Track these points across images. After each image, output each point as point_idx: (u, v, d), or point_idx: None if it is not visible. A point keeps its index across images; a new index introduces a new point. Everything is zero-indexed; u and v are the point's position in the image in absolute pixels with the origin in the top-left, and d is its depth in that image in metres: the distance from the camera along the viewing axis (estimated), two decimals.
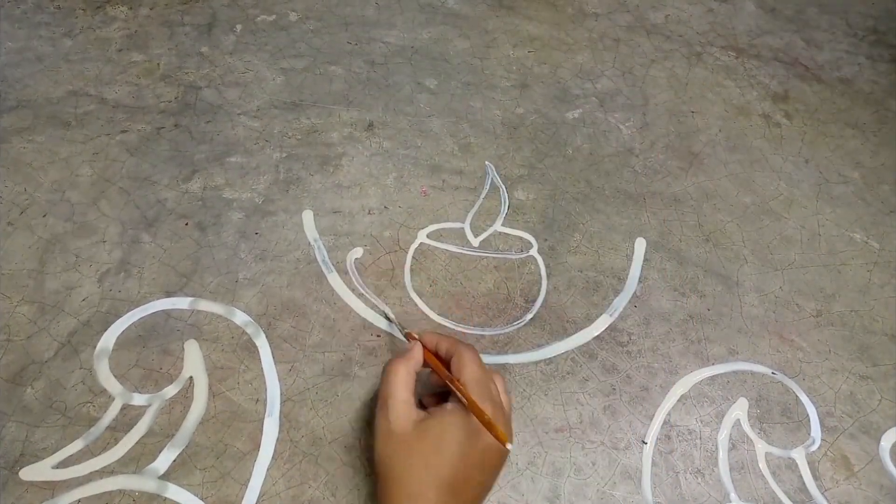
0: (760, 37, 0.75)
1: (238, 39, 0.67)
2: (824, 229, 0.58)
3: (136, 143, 0.58)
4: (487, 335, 0.49)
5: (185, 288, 0.49)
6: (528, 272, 0.52)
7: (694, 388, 0.47)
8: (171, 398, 0.44)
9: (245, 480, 0.41)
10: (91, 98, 0.60)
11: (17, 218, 0.52)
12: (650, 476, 0.43)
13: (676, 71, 0.70)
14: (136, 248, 0.51)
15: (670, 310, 0.51)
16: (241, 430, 0.43)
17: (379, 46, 0.68)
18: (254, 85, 0.63)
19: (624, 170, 0.60)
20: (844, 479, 0.44)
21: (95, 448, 0.41)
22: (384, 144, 0.60)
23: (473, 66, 0.68)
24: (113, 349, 0.46)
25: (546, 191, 0.58)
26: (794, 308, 0.52)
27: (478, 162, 0.59)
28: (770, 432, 0.46)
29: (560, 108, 0.65)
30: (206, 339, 0.46)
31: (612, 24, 0.74)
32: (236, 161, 0.57)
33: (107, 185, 0.54)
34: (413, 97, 0.64)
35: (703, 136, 0.64)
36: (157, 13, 0.69)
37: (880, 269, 0.55)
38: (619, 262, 0.54)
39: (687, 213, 0.57)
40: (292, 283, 0.50)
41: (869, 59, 0.74)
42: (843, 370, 0.49)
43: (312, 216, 0.54)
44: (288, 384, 0.45)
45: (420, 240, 0.53)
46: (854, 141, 0.65)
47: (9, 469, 0.40)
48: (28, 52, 0.64)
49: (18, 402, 0.43)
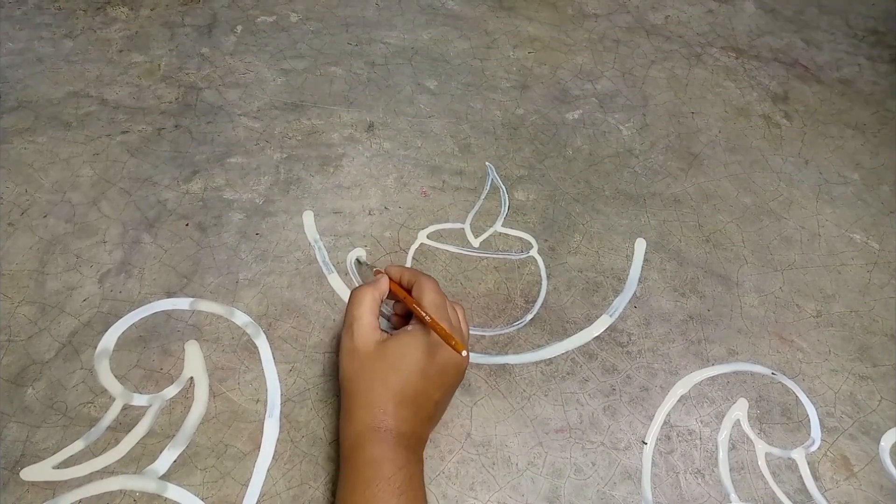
0: (760, 37, 0.75)
1: (238, 40, 0.67)
2: (824, 230, 0.58)
3: (136, 143, 0.58)
4: (487, 335, 0.49)
5: (186, 288, 0.49)
6: (528, 273, 0.52)
7: (694, 388, 0.47)
8: (171, 398, 0.44)
9: (245, 481, 0.41)
10: (92, 99, 0.61)
11: (17, 219, 0.52)
12: (650, 476, 0.43)
13: (676, 72, 0.70)
14: (136, 248, 0.51)
15: (670, 310, 0.51)
16: (241, 430, 0.43)
17: (379, 47, 0.68)
18: (254, 86, 0.63)
19: (624, 170, 0.60)
20: (844, 479, 0.44)
21: (96, 448, 0.41)
22: (384, 145, 0.60)
23: (474, 66, 0.68)
24: (114, 350, 0.46)
25: (546, 191, 0.58)
26: (794, 308, 0.52)
27: (478, 162, 0.59)
28: (770, 433, 0.46)
29: (560, 108, 0.65)
30: (206, 340, 0.47)
31: (611, 25, 0.74)
32: (237, 162, 0.57)
33: (107, 185, 0.55)
34: (413, 98, 0.64)
35: (703, 136, 0.64)
36: (157, 14, 0.69)
37: (880, 270, 0.55)
38: (619, 262, 0.54)
39: (687, 213, 0.57)
40: (293, 283, 0.50)
41: (869, 60, 0.74)
42: (843, 370, 0.49)
43: (313, 217, 0.54)
44: (288, 385, 0.45)
45: (420, 240, 0.53)
46: (854, 141, 0.65)
47: (10, 469, 0.40)
48: (29, 53, 0.64)
49: (19, 402, 0.43)
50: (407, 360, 0.37)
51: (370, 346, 0.38)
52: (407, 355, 0.37)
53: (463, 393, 0.45)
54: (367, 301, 0.39)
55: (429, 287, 0.39)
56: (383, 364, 0.37)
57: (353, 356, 0.38)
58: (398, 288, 0.41)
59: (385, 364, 0.37)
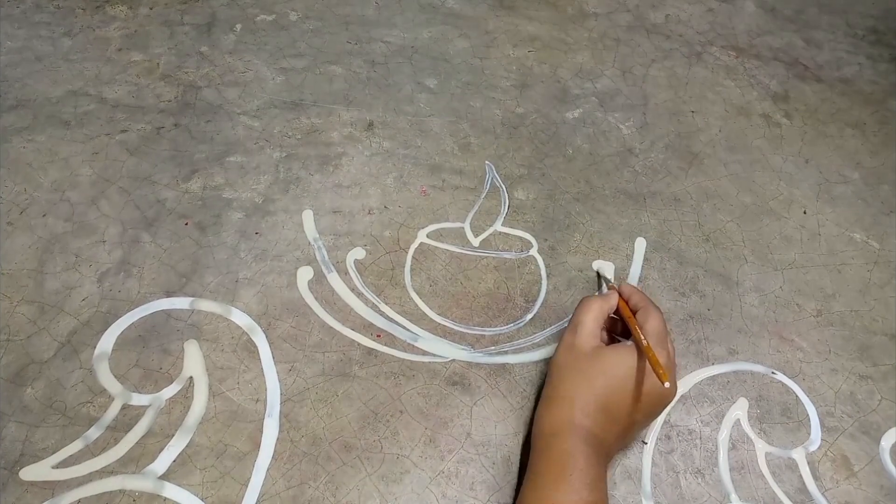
0: (760, 37, 0.75)
1: (238, 39, 0.67)
2: (824, 229, 0.57)
3: (135, 142, 0.57)
4: (487, 335, 0.49)
5: (185, 288, 0.49)
6: (528, 272, 0.52)
7: (694, 387, 0.47)
8: (170, 398, 0.44)
9: (245, 480, 0.41)
10: (91, 98, 0.60)
11: (16, 218, 0.52)
12: (650, 476, 0.43)
13: (676, 71, 0.70)
14: (135, 247, 0.51)
15: (670, 310, 0.51)
16: (241, 430, 0.43)
17: (379, 46, 0.68)
18: (254, 84, 0.63)
19: (624, 170, 0.60)
20: (844, 479, 0.44)
21: (95, 448, 0.41)
22: (384, 144, 0.60)
23: (473, 65, 0.68)
24: (113, 349, 0.46)
25: (546, 191, 0.58)
26: (794, 308, 0.52)
27: (478, 162, 0.59)
28: (770, 432, 0.46)
29: (560, 107, 0.65)
30: (206, 339, 0.46)
31: (612, 24, 0.74)
32: (236, 161, 0.57)
33: (107, 184, 0.54)
34: (413, 97, 0.64)
35: (703, 135, 0.64)
36: (156, 13, 0.69)
37: (880, 269, 0.55)
38: (619, 262, 0.54)
39: (687, 213, 0.57)
40: (292, 283, 0.50)
41: (869, 59, 0.74)
42: (843, 370, 0.49)
43: (312, 216, 0.54)
44: (288, 384, 0.45)
45: (420, 240, 0.53)
46: (854, 141, 0.65)
47: (9, 469, 0.40)
48: (28, 52, 0.64)
49: (18, 402, 0.43)
50: (617, 371, 0.38)
51: (588, 347, 0.40)
52: (618, 366, 0.39)
53: (463, 393, 0.45)
54: (594, 309, 0.41)
55: (654, 315, 0.41)
56: (595, 367, 0.39)
57: (571, 350, 0.40)
58: (625, 307, 0.43)
59: (596, 368, 0.39)
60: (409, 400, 0.45)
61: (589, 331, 0.40)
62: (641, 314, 0.41)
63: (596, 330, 0.41)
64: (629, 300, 0.43)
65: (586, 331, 0.40)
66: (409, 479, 0.41)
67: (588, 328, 0.41)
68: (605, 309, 0.42)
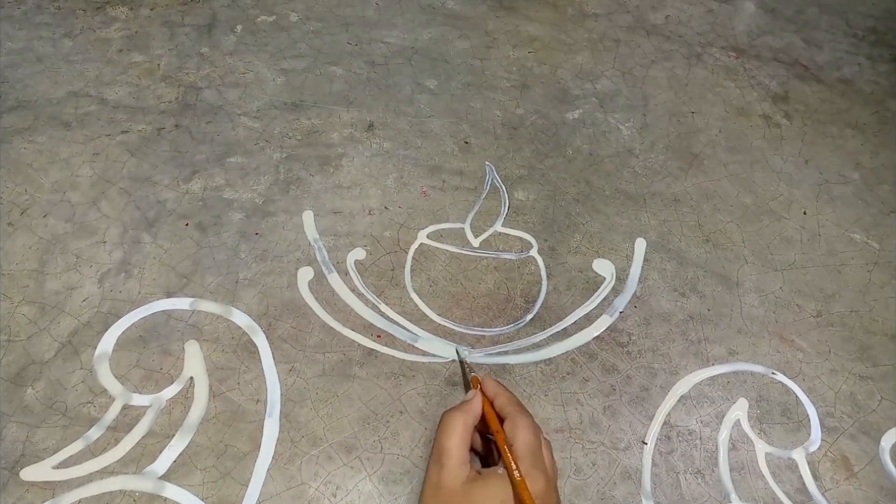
0: (760, 37, 0.75)
1: (238, 40, 0.67)
2: (824, 230, 0.57)
3: (136, 143, 0.58)
4: (487, 335, 0.49)
5: (186, 288, 0.49)
6: (528, 273, 0.52)
7: (694, 388, 0.47)
8: (171, 398, 0.44)
9: (245, 480, 0.41)
10: (91, 99, 0.61)
11: (17, 218, 0.52)
12: (650, 476, 0.43)
13: (676, 71, 0.70)
14: (136, 248, 0.51)
15: (670, 310, 0.51)
16: (241, 430, 0.43)
17: (379, 47, 0.68)
18: (254, 85, 0.63)
19: (624, 170, 0.60)
20: (844, 479, 0.44)
21: (96, 448, 0.41)
22: (384, 145, 0.60)
23: (473, 66, 0.68)
24: (113, 349, 0.46)
25: (546, 191, 0.58)
26: (794, 308, 0.52)
27: (478, 162, 0.59)
28: (770, 432, 0.45)
29: (560, 108, 0.65)
30: (206, 340, 0.46)
31: (611, 25, 0.74)
32: (236, 161, 0.57)
33: (107, 185, 0.55)
34: (413, 98, 0.64)
35: (703, 136, 0.64)
36: (157, 14, 0.69)
37: (880, 270, 0.55)
38: (619, 262, 0.54)
39: (687, 213, 0.57)
40: (292, 283, 0.50)
41: (869, 60, 0.74)
42: (843, 370, 0.49)
43: (313, 216, 0.54)
44: (288, 384, 0.45)
45: (420, 240, 0.53)
46: (854, 141, 0.65)
47: (10, 469, 0.40)
48: (28, 53, 0.64)
49: (19, 402, 0.43)
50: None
51: (457, 484, 0.36)
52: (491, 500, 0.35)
53: (463, 393, 0.45)
54: (458, 429, 0.37)
55: (523, 426, 0.37)
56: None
57: (438, 493, 0.36)
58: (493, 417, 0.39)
59: None
60: (410, 400, 0.45)
61: (456, 461, 0.36)
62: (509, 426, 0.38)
63: (463, 456, 0.37)
64: (494, 401, 0.39)
65: (452, 462, 0.36)
66: (409, 479, 0.41)
67: (454, 458, 0.36)
68: (469, 424, 0.38)
